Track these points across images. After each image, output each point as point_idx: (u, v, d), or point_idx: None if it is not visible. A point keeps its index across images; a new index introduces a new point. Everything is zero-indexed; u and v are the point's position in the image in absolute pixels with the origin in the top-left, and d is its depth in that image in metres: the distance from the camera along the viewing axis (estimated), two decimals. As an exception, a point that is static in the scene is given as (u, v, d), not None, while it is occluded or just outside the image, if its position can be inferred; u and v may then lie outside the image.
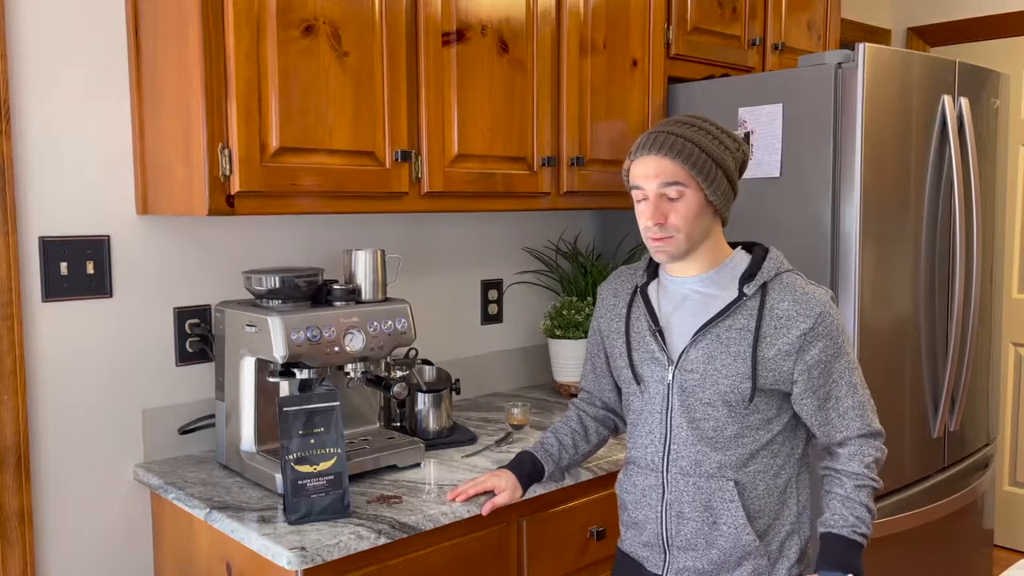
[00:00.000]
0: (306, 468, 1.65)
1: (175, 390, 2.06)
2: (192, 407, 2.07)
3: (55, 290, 1.87)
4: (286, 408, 1.68)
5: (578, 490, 1.97)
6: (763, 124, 2.37)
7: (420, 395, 2.15)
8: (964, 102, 2.48)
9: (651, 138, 1.50)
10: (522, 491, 1.75)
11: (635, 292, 1.65)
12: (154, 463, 2.00)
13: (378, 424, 2.09)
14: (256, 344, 1.81)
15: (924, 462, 2.50)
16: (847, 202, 2.22)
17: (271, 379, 1.83)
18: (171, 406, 2.04)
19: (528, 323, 2.81)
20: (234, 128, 1.70)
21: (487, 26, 2.11)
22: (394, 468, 1.92)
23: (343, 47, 1.85)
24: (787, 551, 1.55)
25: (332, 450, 1.68)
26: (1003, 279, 2.91)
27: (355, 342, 1.85)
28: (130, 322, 1.98)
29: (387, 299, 1.99)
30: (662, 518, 1.56)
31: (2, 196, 1.77)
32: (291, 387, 1.89)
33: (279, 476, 1.73)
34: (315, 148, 1.83)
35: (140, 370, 2.00)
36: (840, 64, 2.22)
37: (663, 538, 1.57)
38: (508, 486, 1.73)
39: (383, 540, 1.60)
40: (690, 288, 1.57)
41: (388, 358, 1.96)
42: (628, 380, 1.62)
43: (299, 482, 1.64)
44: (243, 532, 1.61)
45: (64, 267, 1.88)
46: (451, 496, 1.74)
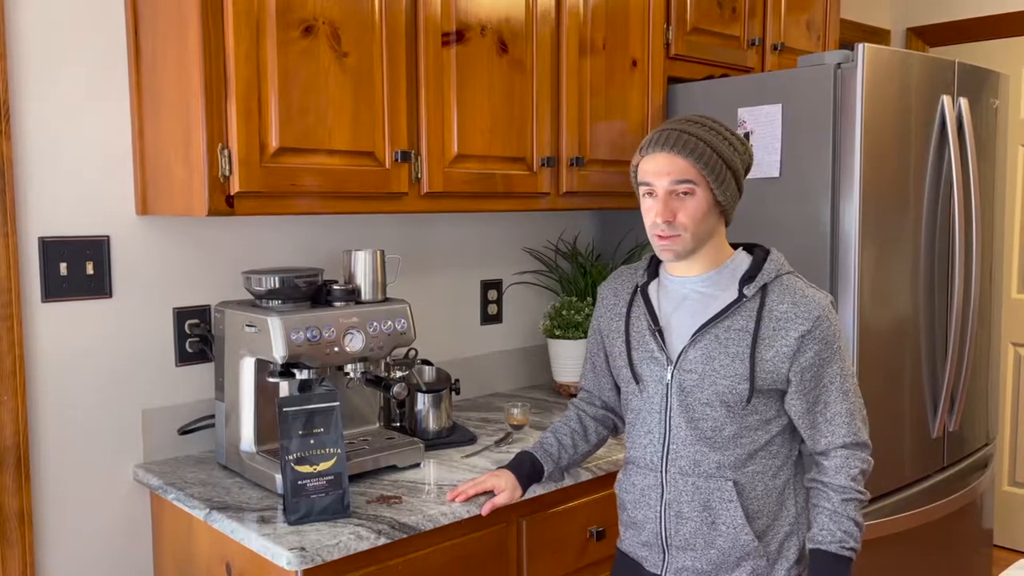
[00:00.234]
0: (306, 468, 1.65)
1: (175, 390, 2.06)
2: (192, 407, 2.07)
3: (55, 290, 1.87)
4: (286, 408, 1.68)
5: (578, 490, 1.97)
6: (762, 124, 2.37)
7: (420, 395, 2.15)
8: (963, 102, 2.48)
9: (664, 135, 1.50)
10: (522, 491, 1.75)
11: (635, 292, 1.65)
12: (154, 463, 2.00)
13: (378, 424, 2.09)
14: (256, 344, 1.81)
15: (923, 462, 2.50)
16: (846, 202, 2.22)
17: (271, 379, 1.83)
18: (171, 406, 2.04)
19: (528, 323, 2.81)
20: (234, 128, 1.71)
21: (487, 26, 2.11)
22: (394, 468, 1.92)
23: (343, 47, 1.85)
24: (786, 552, 1.55)
25: (332, 450, 1.68)
26: (1002, 279, 2.91)
27: (355, 342, 1.86)
28: (130, 322, 1.98)
29: (387, 299, 1.99)
30: (661, 518, 1.56)
31: (2, 196, 1.77)
32: (291, 387, 1.89)
33: (279, 476, 1.73)
34: (315, 148, 1.83)
35: (140, 370, 2.00)
36: (839, 64, 2.22)
37: (662, 538, 1.57)
38: (508, 486, 1.73)
39: (383, 540, 1.60)
40: (690, 288, 1.57)
41: (388, 358, 1.96)
42: (627, 380, 1.62)
43: (299, 482, 1.64)
44: (243, 532, 1.61)
45: (64, 267, 1.88)
46: (451, 496, 1.74)
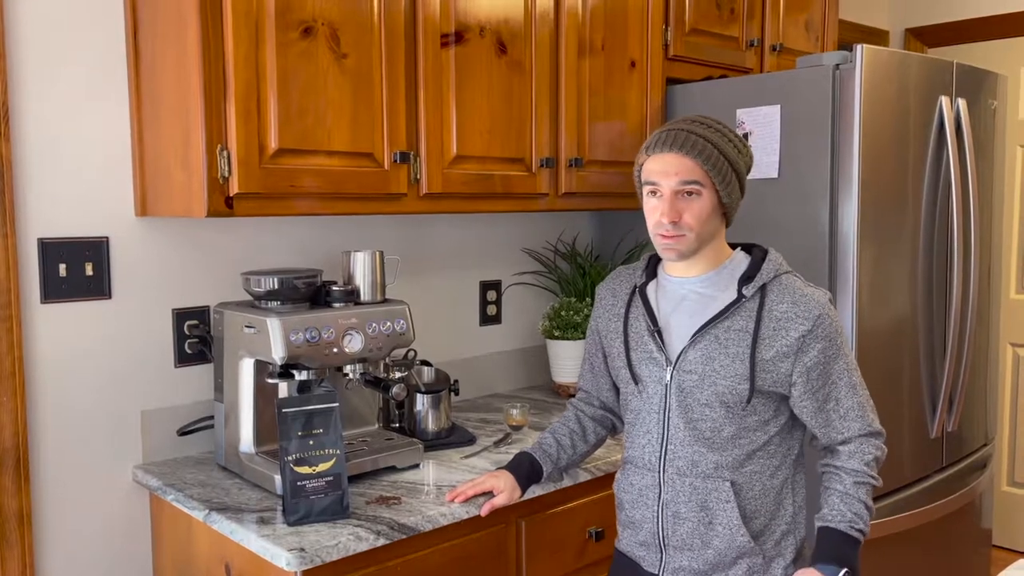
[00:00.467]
0: (305, 469, 1.65)
1: (174, 391, 2.06)
2: (191, 408, 2.07)
3: (54, 291, 1.87)
4: (285, 409, 1.68)
5: (577, 491, 1.97)
6: (761, 125, 2.37)
7: (419, 396, 2.15)
8: (962, 103, 2.48)
9: (671, 135, 1.50)
10: (521, 492, 1.76)
11: (633, 292, 1.65)
12: (153, 464, 2.00)
13: (377, 425, 2.10)
14: (255, 345, 1.81)
15: (922, 462, 2.51)
16: (845, 203, 2.22)
17: (270, 380, 1.83)
18: (170, 407, 2.04)
19: (527, 324, 2.81)
20: (233, 130, 1.71)
21: (485, 27, 2.12)
22: (393, 469, 1.92)
23: (342, 49, 1.85)
24: (783, 550, 1.55)
25: (331, 451, 1.68)
26: (1001, 279, 2.91)
27: (354, 343, 1.86)
28: (129, 323, 1.98)
29: (386, 300, 1.99)
30: (658, 518, 1.56)
31: (1, 197, 1.77)
32: (290, 388, 1.89)
33: (278, 477, 1.73)
34: (314, 150, 1.83)
35: (139, 371, 2.00)
36: (838, 65, 2.22)
37: (659, 538, 1.57)
38: (507, 487, 1.73)
39: (382, 541, 1.60)
40: (689, 288, 1.57)
41: (387, 359, 1.96)
42: (626, 380, 1.62)
43: (298, 483, 1.64)
44: (242, 533, 1.61)
45: (63, 268, 1.88)
46: (450, 497, 1.74)
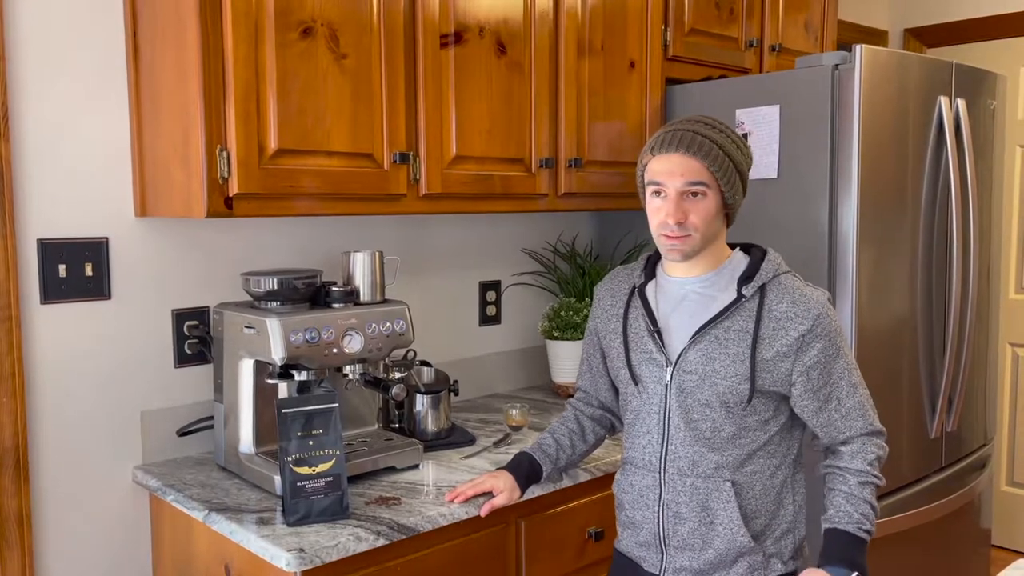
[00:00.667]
0: (305, 470, 1.65)
1: (173, 392, 2.06)
2: (190, 409, 2.07)
3: (53, 292, 1.87)
4: (285, 410, 1.68)
5: (576, 491, 1.97)
6: (760, 125, 2.37)
7: (418, 396, 2.15)
8: (961, 103, 2.48)
9: (677, 136, 1.49)
10: (520, 492, 1.76)
11: (632, 292, 1.65)
12: (153, 465, 2.00)
13: (377, 425, 2.10)
14: (254, 346, 1.81)
15: (922, 462, 2.51)
16: (844, 203, 2.22)
17: (270, 381, 1.83)
18: (170, 408, 2.04)
19: (526, 324, 2.81)
20: (232, 130, 1.71)
21: (485, 28, 2.12)
22: (393, 469, 1.92)
23: (341, 49, 1.85)
24: (783, 549, 1.55)
25: (331, 451, 1.68)
26: (1000, 279, 2.92)
27: (353, 344, 1.86)
28: (128, 324, 1.98)
29: (385, 301, 1.99)
30: (659, 518, 1.56)
31: (1, 198, 1.77)
32: (290, 389, 1.89)
33: (278, 478, 1.73)
34: (313, 150, 1.83)
35: (139, 372, 2.00)
36: (837, 65, 2.22)
37: (660, 538, 1.57)
38: (506, 487, 1.73)
39: (382, 541, 1.60)
40: (689, 289, 1.57)
41: (387, 359, 1.96)
42: (626, 381, 1.62)
43: (298, 484, 1.64)
44: (242, 534, 1.61)
45: (62, 269, 1.88)
46: (449, 497, 1.74)
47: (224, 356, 1.92)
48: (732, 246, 1.61)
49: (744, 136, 2.40)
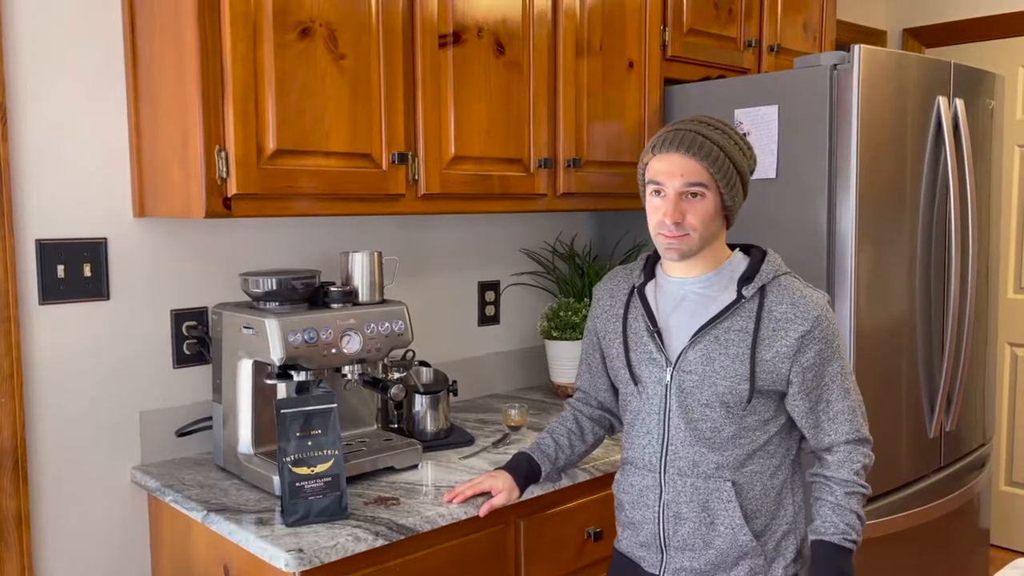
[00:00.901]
0: (304, 470, 1.65)
1: (172, 392, 2.06)
2: (189, 409, 2.07)
3: (52, 293, 1.87)
4: (283, 410, 1.68)
5: (575, 491, 1.97)
6: (759, 125, 2.37)
7: (417, 397, 2.15)
8: (959, 103, 2.48)
9: (678, 136, 1.49)
10: (519, 492, 1.76)
11: (632, 292, 1.65)
12: (151, 465, 2.00)
13: (375, 426, 2.10)
14: (253, 346, 1.81)
15: (920, 462, 2.51)
16: (843, 203, 2.22)
17: (268, 381, 1.83)
18: (168, 408, 2.04)
19: (525, 324, 2.81)
20: (231, 130, 1.71)
21: (483, 28, 2.12)
22: (392, 470, 1.92)
23: (340, 49, 1.85)
24: (784, 550, 1.55)
25: (329, 452, 1.68)
26: (998, 279, 2.92)
27: (352, 344, 1.86)
28: (127, 324, 1.98)
29: (384, 301, 1.99)
30: (659, 518, 1.57)
31: (-1, 199, 1.77)
32: (288, 389, 1.89)
33: (277, 478, 1.73)
34: (312, 150, 1.83)
35: (137, 372, 2.00)
36: (836, 65, 2.22)
37: (660, 538, 1.57)
38: (505, 487, 1.73)
39: (381, 542, 1.60)
40: (689, 289, 1.57)
41: (385, 360, 1.96)
42: (626, 381, 1.62)
43: (297, 484, 1.64)
44: (241, 534, 1.61)
45: (61, 270, 1.88)
46: (448, 497, 1.74)
47: (223, 356, 1.92)
48: (732, 247, 1.61)
49: (743, 136, 2.40)
